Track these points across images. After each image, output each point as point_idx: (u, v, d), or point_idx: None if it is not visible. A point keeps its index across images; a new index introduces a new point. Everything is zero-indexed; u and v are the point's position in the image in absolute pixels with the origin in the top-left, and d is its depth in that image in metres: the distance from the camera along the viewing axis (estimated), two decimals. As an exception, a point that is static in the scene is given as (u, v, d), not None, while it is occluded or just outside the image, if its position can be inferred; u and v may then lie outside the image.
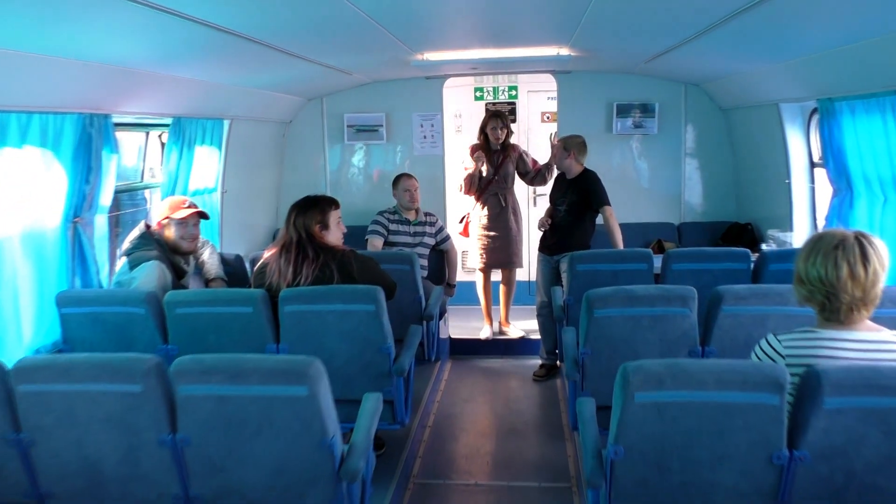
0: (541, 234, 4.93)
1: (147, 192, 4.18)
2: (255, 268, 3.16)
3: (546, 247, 4.83)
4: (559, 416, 4.35)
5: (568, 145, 4.59)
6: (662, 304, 2.70)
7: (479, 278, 5.50)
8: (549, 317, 4.81)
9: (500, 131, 5.08)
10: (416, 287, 3.77)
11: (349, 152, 5.70)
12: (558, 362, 4.96)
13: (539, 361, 5.01)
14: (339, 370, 2.95)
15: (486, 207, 5.25)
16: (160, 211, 3.38)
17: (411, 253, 3.82)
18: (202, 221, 3.49)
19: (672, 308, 2.70)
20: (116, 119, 3.32)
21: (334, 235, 3.16)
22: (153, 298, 2.92)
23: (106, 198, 3.29)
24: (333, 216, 3.17)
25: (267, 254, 3.12)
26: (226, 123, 4.53)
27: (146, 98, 3.42)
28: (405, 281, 3.73)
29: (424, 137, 5.59)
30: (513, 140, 5.26)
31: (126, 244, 3.34)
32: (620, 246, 4.43)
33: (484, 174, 5.14)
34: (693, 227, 5.44)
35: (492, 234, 5.26)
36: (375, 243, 4.89)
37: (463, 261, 6.04)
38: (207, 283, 3.62)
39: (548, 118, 6.43)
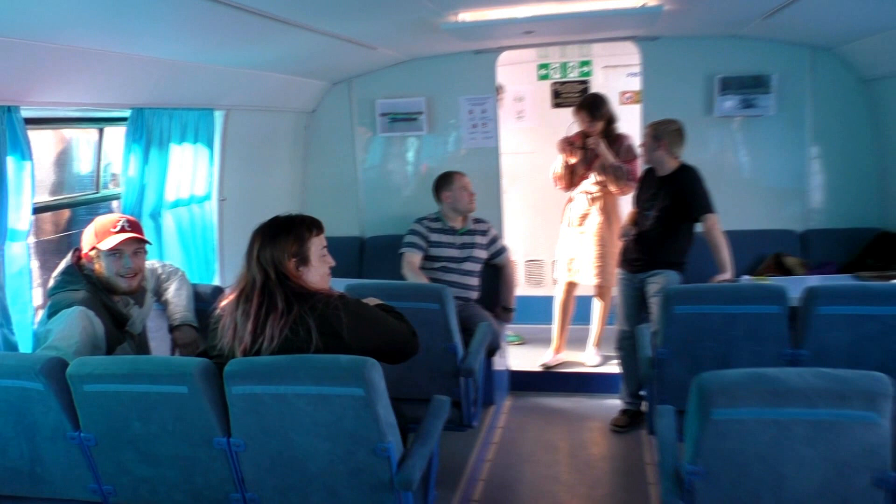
0: (621, 245, 3.86)
1: (116, 204, 3.31)
2: (210, 323, 2.23)
3: (628, 262, 3.76)
4: (646, 488, 3.29)
5: (659, 133, 3.49)
6: (832, 403, 1.60)
7: (558, 291, 4.52)
8: (632, 351, 3.76)
9: (590, 125, 4.22)
10: (448, 333, 2.77)
11: (384, 146, 4.72)
12: (643, 406, 3.88)
13: (619, 404, 3.98)
14: (316, 479, 2.00)
15: (575, 207, 4.42)
16: (86, 238, 2.49)
17: (441, 289, 2.80)
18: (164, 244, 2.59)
19: (849, 410, 1.60)
20: (35, 112, 2.45)
21: (317, 273, 2.19)
22: (55, 368, 2.02)
23: (19, 220, 2.42)
24: (316, 245, 2.20)
25: (224, 302, 2.17)
26: (219, 115, 3.63)
27: (80, 84, 2.53)
28: (434, 325, 2.75)
29: (474, 126, 4.55)
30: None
31: (51, 281, 2.47)
32: (727, 266, 3.31)
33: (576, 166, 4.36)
34: (823, 237, 4.18)
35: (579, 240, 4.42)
36: (412, 259, 3.91)
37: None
38: (172, 330, 2.72)
39: (629, 99, 5.29)
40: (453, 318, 2.76)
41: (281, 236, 2.12)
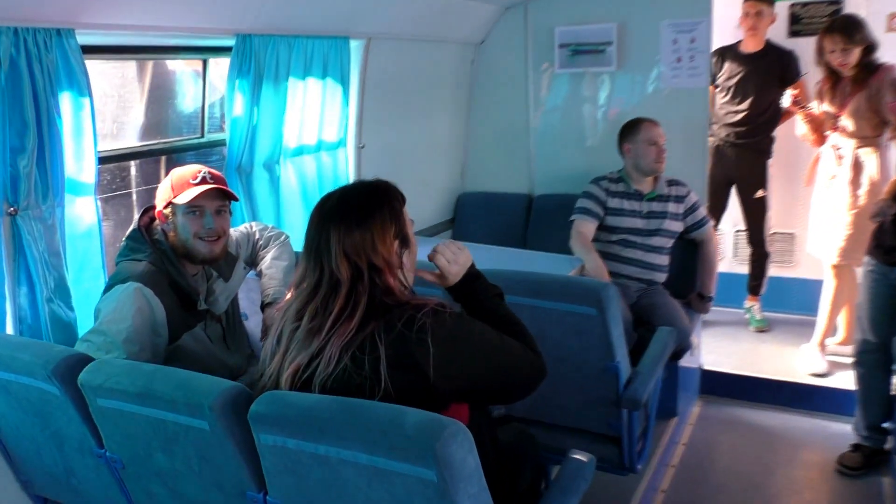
0: (874, 227, 2.78)
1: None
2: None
3: (883, 251, 2.72)
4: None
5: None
6: None
7: (827, 276, 3.52)
8: (877, 369, 2.75)
9: (846, 54, 3.15)
10: (608, 348, 1.98)
11: (562, 86, 3.86)
12: (888, 443, 2.83)
13: (851, 435, 2.94)
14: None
15: (823, 166, 3.45)
16: (160, 192, 2.01)
17: (601, 288, 1.98)
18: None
19: None
20: (95, 38, 2.00)
21: (414, 259, 1.57)
22: (72, 369, 1.56)
23: (81, 170, 2.01)
24: (408, 219, 1.56)
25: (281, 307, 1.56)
26: (356, 45, 3.03)
27: (152, 2, 2.03)
28: (589, 335, 1.98)
29: (679, 60, 3.54)
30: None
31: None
32: None
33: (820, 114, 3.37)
34: None
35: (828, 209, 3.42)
36: (583, 229, 3.13)
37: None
38: (263, 309, 2.22)
39: (902, 24, 3.95)
40: (617, 328, 1.97)
41: (373, 214, 1.46)
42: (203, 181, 1.98)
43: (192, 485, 1.51)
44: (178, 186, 1.97)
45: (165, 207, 1.97)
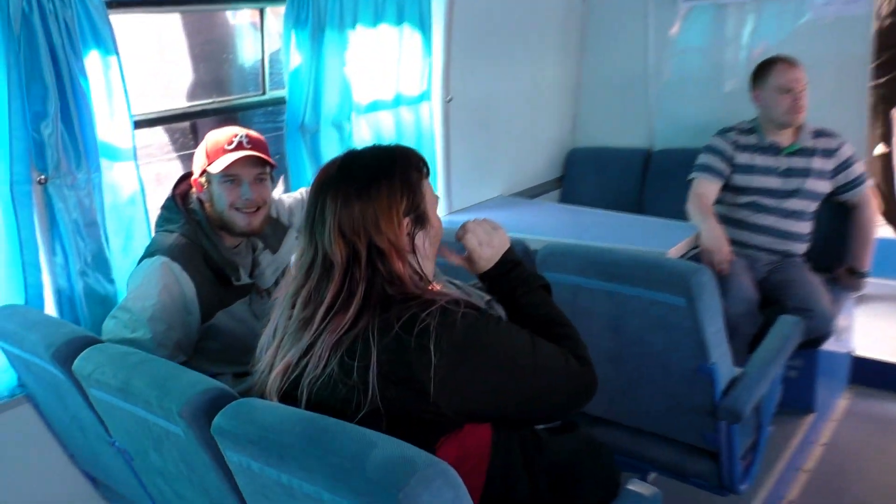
0: None
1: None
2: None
3: None
4: None
5: None
6: None
7: None
8: None
9: None
10: (701, 347, 1.59)
11: (689, 20, 3.32)
12: None
13: None
14: None
15: None
16: (196, 159, 1.85)
17: (692, 271, 1.56)
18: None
19: None
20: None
21: (437, 241, 1.29)
22: (73, 353, 1.44)
23: (116, 134, 1.88)
24: (429, 192, 1.27)
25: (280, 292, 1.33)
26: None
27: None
28: (677, 329, 1.61)
29: (835, -17, 2.91)
30: None
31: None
32: None
33: None
34: None
35: None
36: (703, 189, 2.69)
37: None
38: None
39: None
40: (714, 323, 1.58)
41: (378, 184, 1.19)
42: (239, 146, 1.80)
43: (187, 488, 1.35)
44: (212, 153, 1.80)
45: (201, 175, 1.81)
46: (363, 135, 2.58)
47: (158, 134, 2.27)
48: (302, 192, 2.17)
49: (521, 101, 3.30)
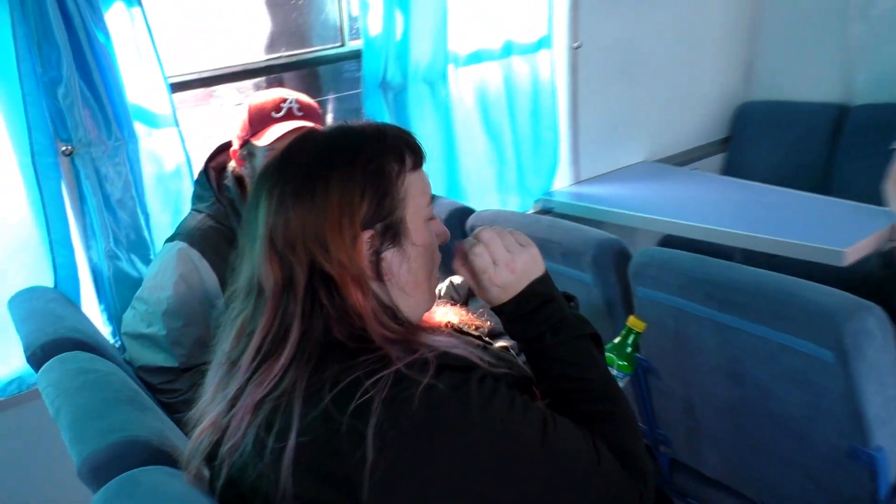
0: None
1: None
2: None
3: None
4: None
5: None
6: None
7: None
8: None
9: None
10: (857, 421, 1.06)
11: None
12: None
13: None
14: None
15: None
16: (236, 126, 1.58)
17: (850, 311, 1.02)
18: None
19: None
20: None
21: (423, 269, 0.88)
22: (40, 355, 1.24)
23: (151, 97, 1.65)
24: (415, 190, 0.86)
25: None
26: None
27: None
28: (822, 392, 1.09)
29: None
30: None
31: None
32: None
33: None
34: None
35: None
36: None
37: None
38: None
39: None
40: (879, 392, 1.04)
41: (327, 182, 0.81)
42: (289, 115, 1.50)
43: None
44: (256, 121, 1.52)
45: (242, 147, 1.53)
46: (462, 93, 2.19)
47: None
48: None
49: (675, 45, 2.69)
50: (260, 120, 1.51)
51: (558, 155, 2.46)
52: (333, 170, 0.82)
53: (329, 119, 2.24)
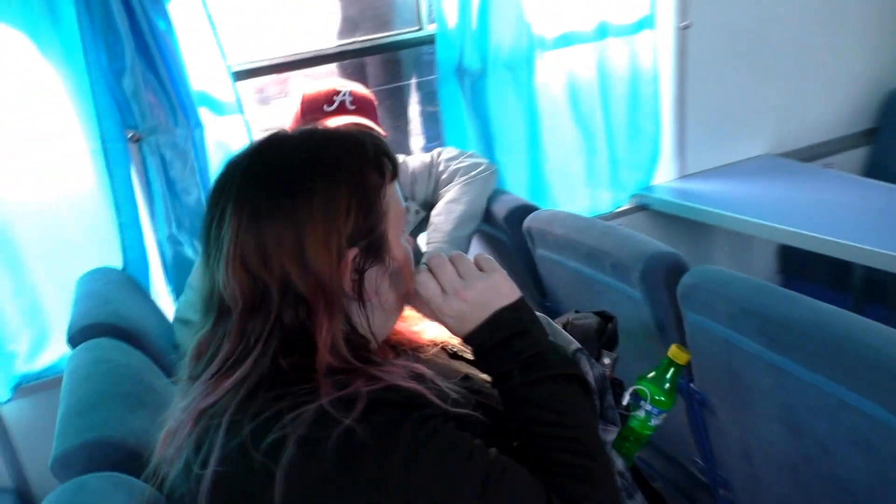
0: None
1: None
2: None
3: None
4: None
5: None
6: None
7: None
8: None
9: None
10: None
11: None
12: None
13: None
14: None
15: None
16: (287, 119, 1.56)
17: None
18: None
19: None
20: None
21: (398, 287, 0.82)
22: (78, 338, 1.28)
23: (213, 83, 1.66)
24: (394, 204, 0.80)
25: None
26: None
27: None
28: (884, 455, 0.89)
29: None
30: None
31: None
32: None
33: None
34: None
35: None
36: None
37: None
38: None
39: None
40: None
41: (309, 190, 0.75)
42: (341, 108, 1.48)
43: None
44: (307, 112, 1.51)
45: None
46: (549, 79, 2.04)
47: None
48: (436, 154, 1.76)
49: (806, 21, 2.37)
50: (312, 111, 1.49)
51: (659, 147, 2.25)
52: (315, 183, 0.75)
53: (412, 107, 2.18)
